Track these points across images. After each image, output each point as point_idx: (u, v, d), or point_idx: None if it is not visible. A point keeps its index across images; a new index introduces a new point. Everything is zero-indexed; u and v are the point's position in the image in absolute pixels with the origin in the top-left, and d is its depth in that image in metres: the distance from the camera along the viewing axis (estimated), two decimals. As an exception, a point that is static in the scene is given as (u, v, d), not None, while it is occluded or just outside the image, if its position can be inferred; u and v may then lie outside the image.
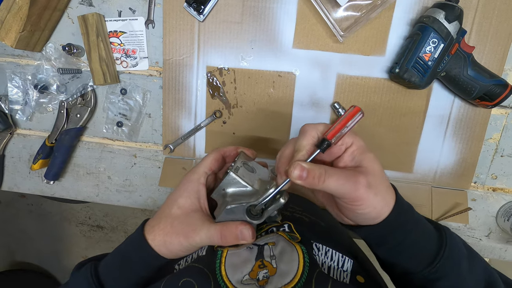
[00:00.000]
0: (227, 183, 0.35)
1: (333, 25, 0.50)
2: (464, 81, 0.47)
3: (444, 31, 0.45)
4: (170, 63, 0.56)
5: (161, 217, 0.36)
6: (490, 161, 0.55)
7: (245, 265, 0.32)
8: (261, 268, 0.32)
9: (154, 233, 0.36)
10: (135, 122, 0.60)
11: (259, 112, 0.57)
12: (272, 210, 0.34)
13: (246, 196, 0.34)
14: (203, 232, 0.33)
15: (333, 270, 0.33)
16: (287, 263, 0.31)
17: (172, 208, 0.36)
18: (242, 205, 0.33)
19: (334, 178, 0.28)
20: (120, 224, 1.82)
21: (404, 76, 0.48)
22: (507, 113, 0.53)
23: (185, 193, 0.36)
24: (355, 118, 0.30)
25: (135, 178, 0.63)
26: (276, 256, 0.32)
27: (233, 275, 0.31)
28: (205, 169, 0.37)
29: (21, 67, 0.60)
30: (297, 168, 0.28)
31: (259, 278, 0.31)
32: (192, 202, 0.35)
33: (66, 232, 1.87)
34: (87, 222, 1.85)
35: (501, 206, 0.56)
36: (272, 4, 0.52)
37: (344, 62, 0.53)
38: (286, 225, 0.37)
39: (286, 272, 0.30)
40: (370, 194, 0.29)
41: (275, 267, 0.31)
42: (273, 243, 0.34)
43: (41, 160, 0.61)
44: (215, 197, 0.36)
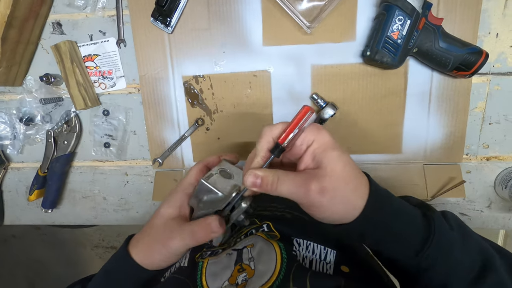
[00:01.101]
0: (200, 190, 0.36)
1: (298, 18, 0.50)
2: (438, 54, 0.47)
3: (409, 7, 0.44)
4: (146, 79, 0.57)
5: (145, 230, 0.37)
6: (479, 130, 0.54)
7: (225, 271, 0.32)
8: (240, 272, 0.32)
9: (138, 247, 0.36)
10: (121, 141, 0.61)
11: (240, 114, 0.57)
12: (236, 214, 0.34)
13: (218, 202, 0.35)
14: (178, 237, 0.34)
15: (315, 263, 0.33)
16: (265, 262, 0.31)
17: (155, 219, 0.37)
18: (209, 211, 0.34)
19: (285, 184, 0.28)
20: (134, 242, 1.84)
21: (376, 57, 0.47)
22: (488, 80, 0.52)
23: (167, 203, 0.37)
24: (306, 118, 0.29)
25: (130, 195, 0.64)
26: (254, 258, 0.33)
27: (213, 283, 0.31)
28: (191, 180, 0.38)
29: (5, 103, 0.62)
30: (250, 176, 0.29)
31: (238, 282, 0.31)
32: (172, 211, 0.36)
33: (82, 257, 1.90)
34: (101, 244, 1.87)
35: (497, 174, 0.55)
36: (236, 5, 0.52)
37: (316, 52, 0.53)
38: (265, 225, 0.37)
39: (264, 272, 0.30)
40: (324, 199, 0.27)
41: (253, 268, 0.31)
42: (251, 245, 0.34)
43: (36, 191, 0.62)
44: (191, 204, 0.37)
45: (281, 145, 0.29)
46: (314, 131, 0.29)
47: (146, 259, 0.35)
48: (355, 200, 0.29)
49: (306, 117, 0.29)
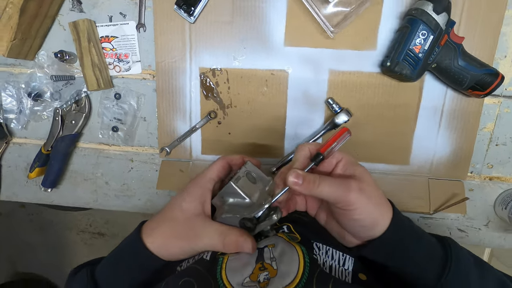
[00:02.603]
0: (227, 192, 0.36)
1: (323, 22, 0.50)
2: (455, 72, 0.48)
3: (433, 22, 0.45)
4: (162, 66, 0.56)
5: (162, 219, 0.36)
6: (486, 150, 0.55)
7: (246, 268, 0.32)
8: (262, 271, 0.32)
9: (153, 236, 0.36)
10: (130, 126, 0.60)
11: (254, 111, 0.57)
12: (264, 225, 0.34)
13: (243, 207, 0.35)
14: (206, 238, 0.34)
15: (334, 269, 0.33)
16: (288, 264, 0.31)
17: (175, 211, 0.36)
18: (236, 216, 0.34)
19: (327, 183, 0.30)
20: (122, 231, 1.82)
21: (395, 69, 0.48)
22: (499, 102, 0.53)
23: (190, 197, 0.36)
24: (344, 136, 0.35)
25: (133, 182, 0.63)
26: (276, 258, 0.33)
27: (233, 278, 0.31)
28: (213, 176, 0.38)
29: (14, 76, 0.60)
30: (293, 174, 0.31)
31: (260, 280, 0.31)
32: (195, 207, 0.36)
33: (67, 241, 1.87)
34: (88, 229, 1.85)
35: (498, 195, 0.57)
36: (262, 3, 0.52)
37: (336, 58, 0.53)
38: (285, 226, 0.38)
39: (286, 273, 0.30)
40: (363, 197, 0.30)
41: (276, 268, 0.31)
42: (272, 245, 0.34)
43: (37, 168, 0.61)
44: (214, 203, 0.37)
45: (322, 154, 0.33)
46: (341, 151, 0.35)
47: (163, 250, 0.35)
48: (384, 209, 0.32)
49: (343, 135, 0.35)
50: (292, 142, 0.58)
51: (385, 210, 0.32)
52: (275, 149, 0.58)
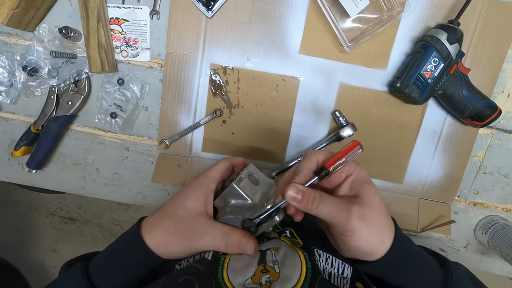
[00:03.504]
0: (229, 194, 0.36)
1: (341, 35, 0.51)
2: (459, 101, 0.50)
3: (445, 51, 0.47)
4: (173, 57, 0.55)
5: (163, 215, 0.35)
6: (474, 177, 0.58)
7: (247, 269, 0.32)
8: (264, 273, 0.32)
9: (154, 232, 0.35)
10: (130, 114, 0.58)
11: (260, 114, 0.57)
12: (266, 226, 0.35)
13: (245, 209, 0.35)
14: (208, 237, 0.34)
15: (333, 276, 0.34)
16: (290, 268, 0.31)
17: (178, 208, 0.35)
18: (238, 217, 0.34)
19: (327, 204, 0.29)
20: (95, 217, 1.75)
21: (405, 91, 0.49)
22: (492, 133, 0.56)
23: (193, 195, 0.36)
24: (354, 151, 0.32)
25: (126, 172, 0.61)
26: (278, 262, 0.33)
27: (235, 278, 0.31)
28: (216, 176, 0.37)
29: (8, 45, 0.56)
30: (293, 189, 0.29)
31: (261, 282, 0.31)
32: (198, 206, 0.35)
33: (34, 223, 1.77)
34: (59, 213, 1.76)
35: (479, 220, 0.60)
36: (282, 8, 0.52)
37: (347, 72, 0.54)
38: (288, 231, 0.38)
39: (289, 277, 0.31)
40: (363, 226, 0.29)
41: (278, 272, 0.32)
42: (275, 248, 0.34)
43: (24, 147, 0.57)
44: (216, 204, 0.37)
45: (327, 169, 0.31)
46: (353, 163, 0.33)
47: (163, 248, 0.34)
48: (385, 235, 0.31)
49: (354, 150, 0.32)
50: (294, 150, 0.58)
51: (386, 236, 0.31)
52: (277, 155, 0.58)
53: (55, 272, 1.83)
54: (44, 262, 1.82)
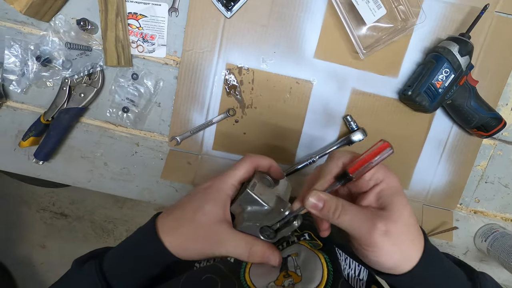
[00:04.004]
0: (245, 200, 0.35)
1: (356, 42, 0.52)
2: (467, 111, 0.52)
3: (456, 63, 0.49)
4: (189, 55, 0.55)
5: (182, 219, 0.35)
6: (476, 185, 0.60)
7: (269, 274, 0.32)
8: (286, 278, 0.32)
9: (173, 235, 0.34)
10: (142, 110, 0.58)
11: (273, 116, 0.57)
12: (285, 232, 0.34)
13: (262, 215, 0.34)
14: (231, 246, 0.33)
15: (351, 278, 0.34)
16: (312, 271, 0.32)
17: (197, 213, 0.34)
18: (256, 225, 0.34)
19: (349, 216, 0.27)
20: (87, 214, 1.72)
21: (416, 99, 0.51)
22: (495, 144, 0.58)
23: (213, 201, 0.34)
24: (383, 154, 0.27)
25: (134, 167, 0.61)
26: (300, 266, 0.33)
27: (257, 281, 0.31)
28: (235, 182, 0.36)
29: (22, 35, 0.56)
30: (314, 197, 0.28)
31: (284, 285, 0.31)
32: (218, 212, 0.34)
33: (24, 217, 1.73)
34: (50, 208, 1.72)
35: (479, 227, 0.62)
36: (300, 12, 0.53)
37: (359, 78, 0.56)
38: (306, 233, 0.38)
39: (311, 279, 0.31)
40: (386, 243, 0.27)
41: (300, 275, 0.32)
42: (295, 253, 0.35)
43: (32, 138, 0.57)
44: (232, 210, 0.36)
45: (350, 175, 0.28)
46: (384, 170, 0.29)
47: (181, 251, 0.33)
48: (412, 252, 0.28)
49: (383, 153, 0.27)
50: (304, 151, 0.59)
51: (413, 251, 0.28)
52: (287, 156, 0.59)
53: (43, 268, 1.79)
54: (32, 258, 1.77)
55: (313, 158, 0.57)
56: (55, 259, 1.77)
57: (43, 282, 1.76)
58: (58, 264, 1.78)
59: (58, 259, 1.77)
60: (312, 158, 0.57)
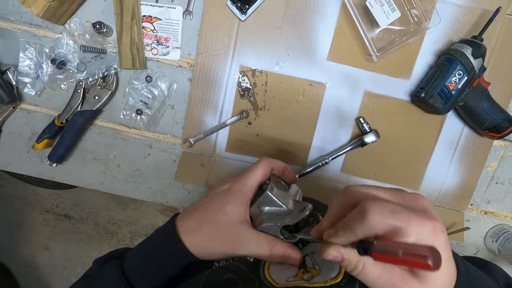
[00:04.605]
0: (263, 202, 0.36)
1: (370, 44, 0.52)
2: (479, 113, 0.52)
3: (470, 65, 0.49)
4: (203, 57, 0.55)
5: (202, 220, 0.35)
6: (486, 186, 0.61)
7: (289, 270, 0.33)
8: (305, 273, 0.32)
9: (194, 236, 0.35)
10: (156, 112, 0.58)
11: (286, 117, 0.58)
12: (304, 233, 0.35)
13: (281, 216, 0.35)
14: (252, 246, 0.33)
15: None
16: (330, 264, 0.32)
17: (218, 214, 0.35)
18: (277, 225, 0.34)
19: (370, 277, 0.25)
20: (91, 216, 1.71)
21: (429, 101, 0.51)
22: (505, 145, 0.59)
23: (234, 202, 0.35)
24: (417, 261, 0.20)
25: (147, 169, 0.61)
26: (318, 262, 0.33)
27: (277, 277, 0.32)
28: (254, 184, 0.37)
29: (36, 37, 0.56)
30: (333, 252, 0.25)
31: (304, 278, 0.32)
32: (239, 213, 0.35)
33: (27, 219, 1.73)
34: (54, 210, 1.72)
35: (490, 228, 0.62)
36: (314, 15, 0.54)
37: (372, 80, 0.56)
38: None
39: (330, 270, 0.31)
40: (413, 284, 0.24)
41: (318, 269, 0.32)
42: (312, 252, 0.35)
43: (46, 140, 0.57)
44: (251, 212, 0.37)
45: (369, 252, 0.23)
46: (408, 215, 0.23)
47: (202, 252, 0.34)
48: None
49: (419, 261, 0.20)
50: (317, 153, 0.59)
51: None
52: (299, 158, 0.59)
53: (46, 270, 1.78)
54: (35, 259, 1.77)
55: (326, 159, 0.58)
56: (59, 261, 1.77)
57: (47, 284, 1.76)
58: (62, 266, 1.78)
59: (62, 261, 1.77)
60: (324, 160, 0.58)
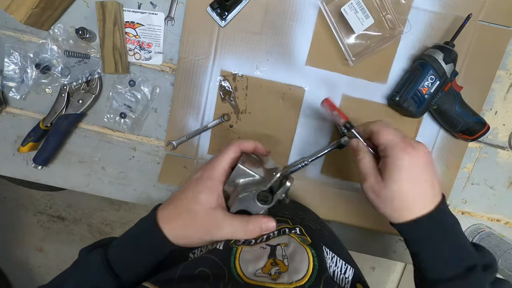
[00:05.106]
0: (237, 175, 0.38)
1: (346, 50, 0.54)
2: (452, 116, 0.54)
3: (441, 70, 0.51)
4: (185, 62, 0.57)
5: (180, 210, 0.38)
6: (463, 187, 0.62)
7: (258, 261, 0.34)
8: (273, 266, 0.34)
9: (172, 224, 0.37)
10: (139, 115, 0.60)
11: (266, 121, 0.59)
12: (280, 193, 0.38)
13: (255, 184, 0.38)
14: (226, 227, 0.36)
15: (336, 275, 0.36)
16: (298, 262, 0.34)
17: (192, 203, 0.37)
18: (252, 192, 0.37)
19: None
20: (84, 217, 1.72)
21: (404, 104, 0.53)
22: (480, 147, 0.60)
23: (206, 189, 0.38)
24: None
25: (131, 171, 0.62)
26: (287, 256, 0.35)
27: (246, 268, 0.33)
28: (226, 167, 0.39)
29: (21, 43, 0.57)
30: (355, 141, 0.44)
31: (271, 273, 0.33)
32: (212, 199, 0.37)
33: (21, 221, 1.73)
34: (47, 211, 1.73)
35: (467, 227, 0.64)
36: (292, 21, 0.55)
37: (349, 84, 0.58)
38: (298, 228, 0.40)
39: (297, 270, 0.33)
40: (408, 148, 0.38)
41: (287, 265, 0.34)
42: (285, 244, 0.37)
43: (31, 143, 0.58)
44: (226, 189, 0.40)
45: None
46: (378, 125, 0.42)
47: (181, 240, 0.37)
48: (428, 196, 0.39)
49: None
50: (297, 155, 0.61)
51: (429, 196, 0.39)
52: (281, 159, 0.61)
53: (40, 271, 1.79)
54: (29, 261, 1.77)
55: (305, 161, 0.59)
56: (52, 262, 1.77)
57: (40, 286, 1.76)
58: (55, 267, 1.78)
59: (55, 262, 1.77)
60: (304, 162, 0.59)
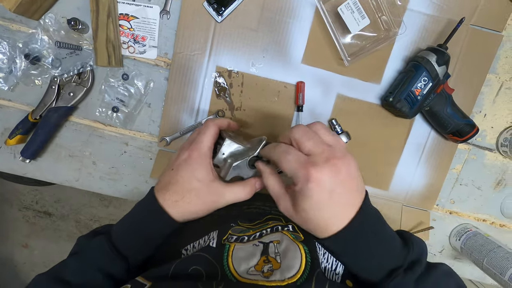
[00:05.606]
0: (226, 148, 0.43)
1: (341, 49, 0.54)
2: (443, 117, 0.55)
3: (434, 72, 0.52)
4: (180, 57, 0.56)
5: (182, 193, 0.40)
6: (451, 187, 0.64)
7: (251, 259, 0.34)
8: (266, 263, 0.34)
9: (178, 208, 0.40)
10: (132, 110, 0.59)
11: (261, 118, 0.59)
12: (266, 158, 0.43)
13: (244, 153, 0.43)
14: (228, 194, 0.42)
15: (327, 271, 0.36)
16: (291, 259, 0.34)
17: (192, 182, 0.40)
18: (245, 159, 0.42)
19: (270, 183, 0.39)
20: (72, 213, 1.69)
21: (397, 105, 0.54)
22: (469, 149, 0.62)
23: (200, 167, 0.41)
24: None
25: (123, 167, 0.61)
26: (280, 253, 0.35)
27: (239, 266, 0.33)
28: (209, 144, 0.43)
29: (10, 32, 0.55)
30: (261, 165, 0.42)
31: (263, 270, 0.33)
32: (208, 173, 0.41)
33: (5, 216, 1.69)
34: (33, 207, 1.69)
35: (454, 227, 0.66)
36: (289, 19, 0.55)
37: (344, 84, 0.58)
38: (290, 225, 0.40)
39: (289, 267, 0.33)
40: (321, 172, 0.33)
41: (279, 262, 0.34)
42: (278, 241, 0.37)
43: (19, 136, 0.56)
44: (216, 162, 0.44)
45: None
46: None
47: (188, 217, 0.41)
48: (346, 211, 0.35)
49: None
50: (291, 153, 0.61)
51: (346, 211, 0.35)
52: (274, 157, 0.61)
53: (25, 268, 1.75)
54: (13, 257, 1.73)
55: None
56: (38, 259, 1.73)
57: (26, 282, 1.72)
58: (41, 264, 1.74)
59: (41, 259, 1.73)
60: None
